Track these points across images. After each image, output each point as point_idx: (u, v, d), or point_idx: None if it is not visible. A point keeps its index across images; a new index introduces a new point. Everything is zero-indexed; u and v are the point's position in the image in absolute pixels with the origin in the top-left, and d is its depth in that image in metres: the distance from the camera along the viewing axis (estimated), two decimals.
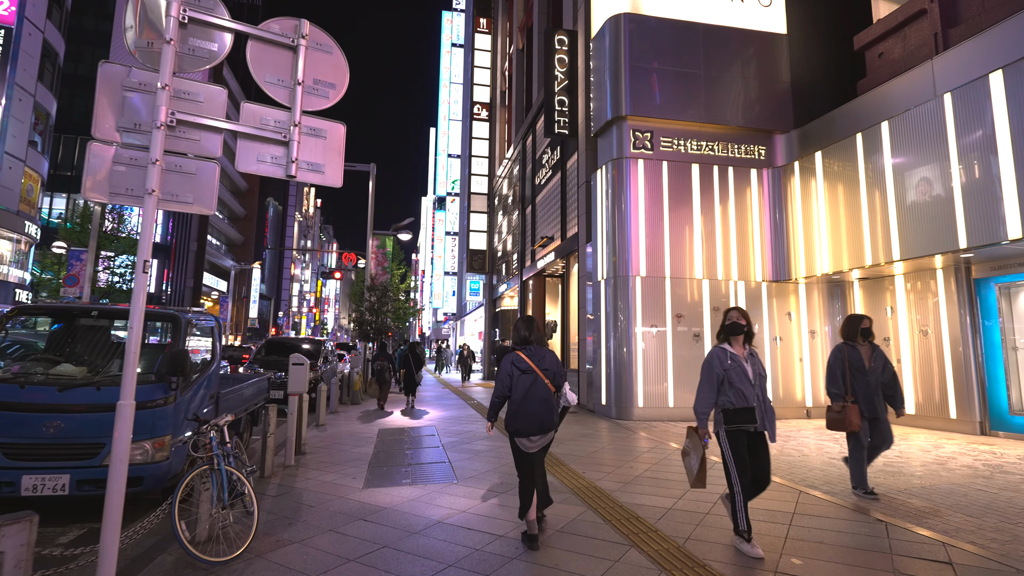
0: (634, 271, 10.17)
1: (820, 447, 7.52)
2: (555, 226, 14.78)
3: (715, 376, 3.78)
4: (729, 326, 3.90)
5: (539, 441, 3.82)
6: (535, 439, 3.80)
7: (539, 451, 3.87)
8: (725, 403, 3.75)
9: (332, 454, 7.12)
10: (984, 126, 7.10)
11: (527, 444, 3.81)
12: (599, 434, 8.53)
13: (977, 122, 7.20)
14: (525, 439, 3.80)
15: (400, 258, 22.45)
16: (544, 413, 3.78)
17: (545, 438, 3.84)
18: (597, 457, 6.77)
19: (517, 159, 19.81)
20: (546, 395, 3.81)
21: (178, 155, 3.01)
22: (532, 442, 3.80)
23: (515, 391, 3.82)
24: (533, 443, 3.81)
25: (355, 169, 19.08)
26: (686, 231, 10.48)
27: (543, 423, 3.77)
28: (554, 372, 3.89)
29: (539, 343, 3.97)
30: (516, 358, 3.88)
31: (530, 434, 3.77)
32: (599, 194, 10.98)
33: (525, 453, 3.84)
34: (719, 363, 3.79)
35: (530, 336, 3.97)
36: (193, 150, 3.05)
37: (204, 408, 5.58)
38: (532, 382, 3.79)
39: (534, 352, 3.90)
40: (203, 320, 5.79)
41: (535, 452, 3.84)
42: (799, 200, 10.29)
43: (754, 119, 10.98)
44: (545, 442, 3.86)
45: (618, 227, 10.38)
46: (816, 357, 10.60)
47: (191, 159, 3.04)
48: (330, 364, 14.74)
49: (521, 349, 3.93)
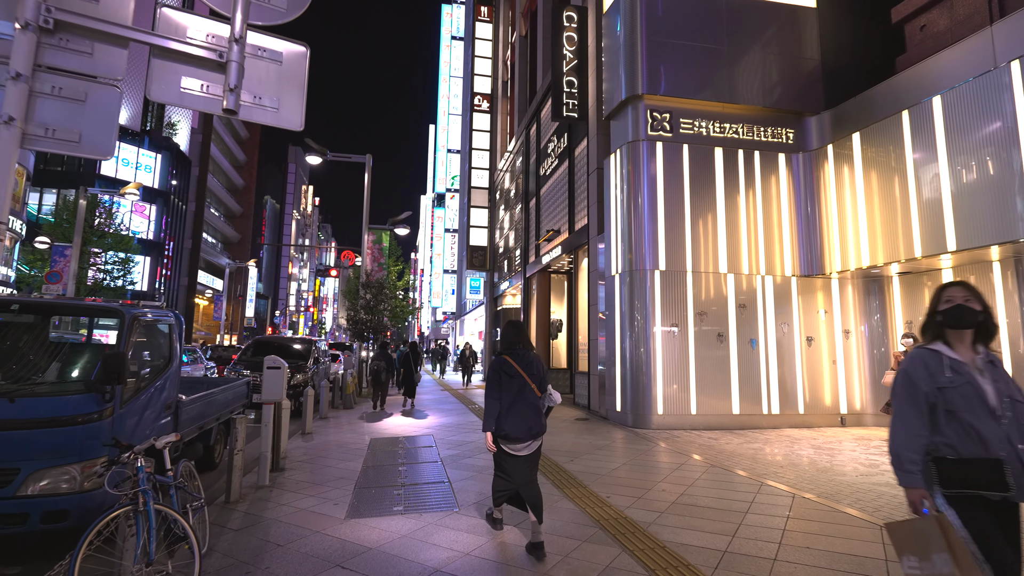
0: (652, 265, 9.25)
1: (872, 462, 6.61)
2: (562, 219, 13.86)
3: (922, 398, 2.18)
4: (949, 312, 2.23)
5: (529, 446, 3.79)
6: (524, 444, 3.76)
7: (529, 456, 3.81)
8: (941, 448, 2.14)
9: (315, 471, 6.20)
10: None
11: (516, 449, 3.77)
12: (617, 446, 7.61)
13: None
14: (513, 444, 3.77)
15: (397, 254, 21.51)
16: (533, 418, 3.76)
17: (535, 443, 3.82)
18: (620, 477, 5.86)
19: (520, 150, 18.90)
20: (534, 400, 3.80)
21: (59, 73, 2.08)
22: (521, 447, 3.77)
23: (504, 397, 3.78)
24: (522, 448, 3.77)
25: (351, 161, 18.17)
26: (709, 221, 9.56)
27: (532, 428, 3.75)
28: (540, 377, 3.89)
29: (526, 348, 3.96)
30: (505, 364, 3.85)
31: (519, 440, 3.74)
32: (613, 181, 10.06)
33: (513, 457, 3.79)
34: (927, 376, 2.19)
35: (518, 341, 3.96)
36: (84, 68, 2.12)
37: (159, 421, 4.68)
38: (520, 387, 3.78)
39: (522, 357, 3.88)
40: (156, 316, 4.86)
41: (524, 457, 3.79)
42: (833, 187, 9.38)
43: (781, 99, 10.07)
44: (535, 447, 3.83)
45: (634, 217, 9.46)
46: (851, 359, 9.68)
47: (80, 80, 2.11)
48: (322, 365, 13.82)
49: (509, 354, 3.90)
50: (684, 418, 8.96)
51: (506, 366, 3.84)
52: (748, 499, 4.93)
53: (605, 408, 10.05)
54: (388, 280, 18.22)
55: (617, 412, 9.48)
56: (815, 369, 9.56)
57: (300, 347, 13.28)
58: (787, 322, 9.58)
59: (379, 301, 16.50)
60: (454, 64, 40.14)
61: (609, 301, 10.03)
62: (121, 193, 22.60)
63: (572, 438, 8.17)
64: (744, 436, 8.42)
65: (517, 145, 19.41)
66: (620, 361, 9.46)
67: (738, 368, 9.25)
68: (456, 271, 38.46)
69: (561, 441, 7.90)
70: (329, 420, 10.42)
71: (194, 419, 5.65)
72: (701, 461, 6.55)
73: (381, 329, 17.27)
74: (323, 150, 17.29)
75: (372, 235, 18.89)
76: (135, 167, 39.91)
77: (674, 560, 3.56)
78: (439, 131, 48.18)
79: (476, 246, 23.52)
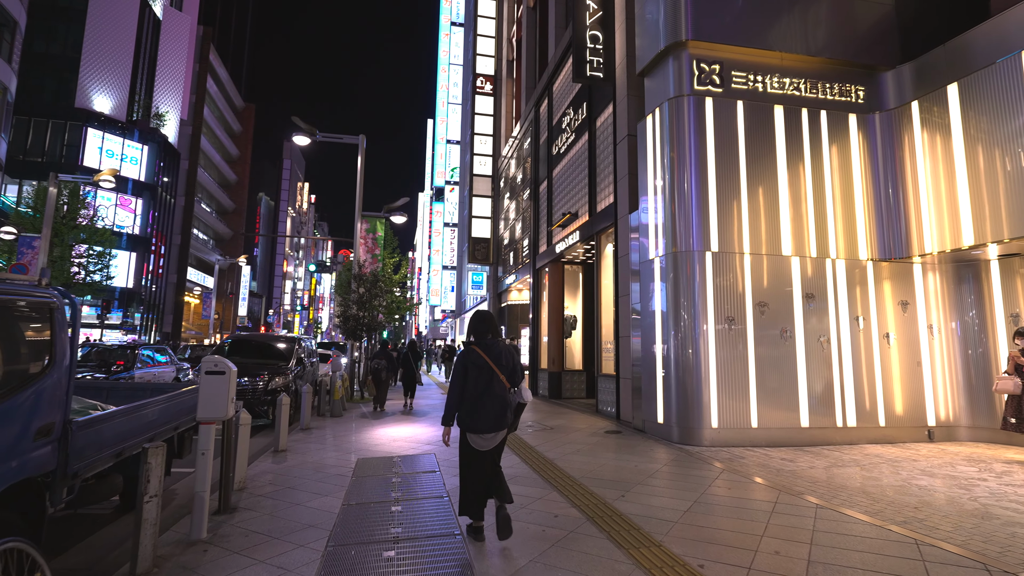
0: (701, 245, 7.61)
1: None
2: (580, 200, 12.21)
3: None
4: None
5: (493, 439, 3.70)
6: (489, 436, 3.68)
7: (494, 449, 3.74)
8: None
9: (277, 512, 4.54)
10: None
11: (480, 442, 3.69)
12: (671, 473, 5.95)
13: None
14: (479, 436, 3.68)
15: (394, 245, 19.79)
16: (499, 410, 3.67)
17: (499, 435, 3.73)
18: (700, 526, 4.19)
19: (528, 131, 17.25)
20: (502, 392, 3.71)
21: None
22: (486, 440, 3.69)
23: (471, 388, 3.69)
24: (487, 440, 3.69)
25: (343, 142, 16.48)
26: (769, 193, 7.92)
27: (498, 420, 3.67)
28: (511, 369, 3.78)
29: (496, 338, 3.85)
30: (473, 354, 3.74)
31: (484, 431, 3.66)
32: (650, 146, 8.42)
33: (476, 451, 3.71)
34: None
35: (487, 332, 3.85)
36: None
37: (32, 452, 3.04)
38: (489, 378, 3.69)
39: (491, 348, 3.77)
40: (11, 295, 3.19)
41: (489, 452, 3.72)
42: (921, 152, 7.75)
43: (849, 50, 8.44)
44: (499, 440, 3.74)
45: (678, 188, 7.82)
46: (936, 360, 8.05)
47: None
48: (308, 367, 12.14)
49: (478, 345, 3.79)
50: (743, 433, 7.32)
51: (474, 356, 3.73)
52: (918, 572, 3.29)
53: (641, 419, 8.39)
54: (383, 273, 16.53)
55: (658, 424, 7.83)
56: (896, 373, 7.93)
57: (283, 346, 11.62)
58: (862, 315, 7.94)
59: (373, 296, 14.81)
60: (454, 52, 38.45)
61: (646, 291, 8.38)
62: (95, 180, 20.93)
63: (611, 459, 6.51)
64: (822, 456, 6.78)
65: (525, 126, 17.75)
66: (662, 363, 7.81)
67: (806, 371, 7.61)
68: (456, 267, 36.77)
69: (598, 464, 6.25)
70: (311, 432, 8.76)
71: (105, 444, 4.02)
72: (799, 499, 4.90)
73: (376, 327, 15.58)
74: (312, 129, 15.63)
75: (366, 224, 17.17)
76: (120, 158, 38.13)
77: None
78: (438, 123, 46.51)
79: (478, 238, 21.85)
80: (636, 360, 8.64)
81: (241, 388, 9.84)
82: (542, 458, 6.58)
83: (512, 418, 3.77)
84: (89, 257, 23.12)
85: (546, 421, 9.67)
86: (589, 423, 9.36)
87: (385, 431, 8.81)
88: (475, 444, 3.68)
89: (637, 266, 8.73)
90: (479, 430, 3.65)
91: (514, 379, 3.77)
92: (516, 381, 3.78)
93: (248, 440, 5.48)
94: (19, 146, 35.21)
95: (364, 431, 8.85)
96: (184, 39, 45.97)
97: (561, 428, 8.84)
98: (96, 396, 6.30)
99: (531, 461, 6.42)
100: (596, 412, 10.59)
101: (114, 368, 10.89)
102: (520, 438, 7.91)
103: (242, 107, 63.52)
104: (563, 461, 6.39)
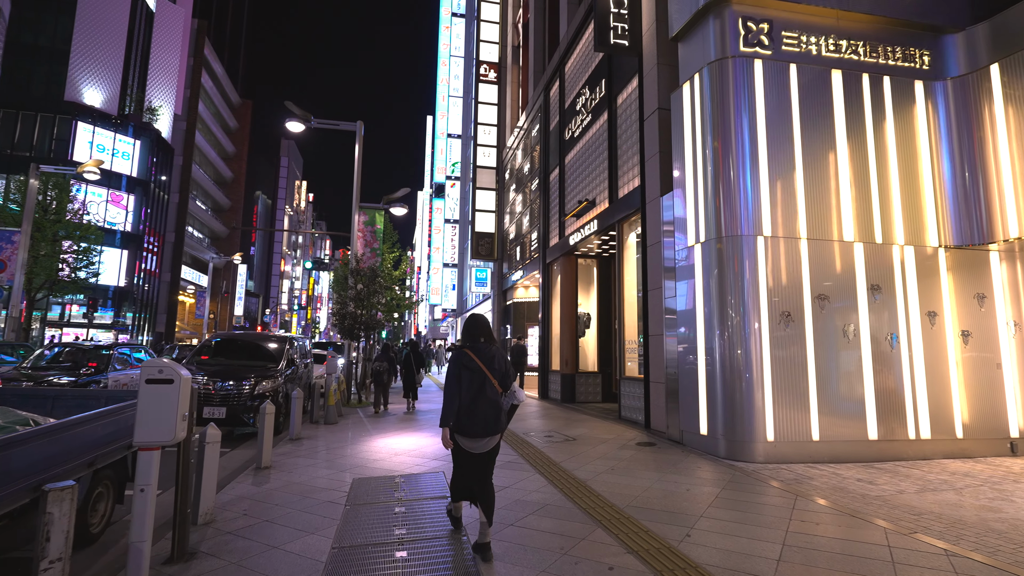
0: (752, 228, 6.57)
1: None
2: (598, 186, 11.18)
3: None
4: None
5: (485, 443, 3.62)
6: (481, 441, 3.61)
7: (486, 453, 3.66)
8: None
9: (245, 563, 3.49)
10: None
11: (472, 446, 3.61)
12: (729, 498, 4.91)
13: None
14: (470, 441, 3.60)
15: (394, 239, 18.75)
16: (491, 415, 3.60)
17: (492, 440, 3.65)
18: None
19: (537, 117, 16.21)
20: (494, 396, 3.64)
21: None
22: (477, 444, 3.60)
23: (464, 392, 3.61)
24: (478, 445, 3.61)
25: (340, 128, 15.43)
26: (828, 169, 6.89)
27: (489, 425, 3.59)
28: (503, 373, 3.73)
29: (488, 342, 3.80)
30: (465, 357, 3.68)
31: (476, 436, 3.58)
32: (687, 118, 7.39)
33: (468, 453, 3.63)
34: None
35: (480, 336, 3.80)
36: None
37: None
38: (481, 383, 3.62)
39: (483, 352, 3.72)
40: None
41: (481, 455, 3.64)
42: (1003, 122, 6.73)
43: (913, 9, 7.42)
44: (492, 444, 3.66)
45: (723, 162, 6.79)
46: (1019, 362, 7.02)
47: None
48: (302, 369, 11.09)
49: (470, 348, 3.74)
50: (803, 447, 6.28)
51: (466, 360, 3.68)
52: None
53: (678, 429, 7.35)
54: (383, 268, 15.47)
55: (701, 436, 6.78)
56: (975, 377, 6.89)
57: (273, 346, 10.51)
58: (935, 310, 6.92)
59: (371, 292, 13.74)
60: (455, 44, 37.42)
61: (683, 284, 7.35)
62: (78, 172, 19.86)
63: (654, 480, 5.47)
64: (901, 475, 5.75)
65: (532, 113, 16.71)
66: (706, 366, 6.76)
67: (873, 375, 6.58)
68: (457, 264, 35.72)
69: (641, 486, 5.20)
70: (302, 443, 7.72)
71: (15, 475, 3.03)
72: (914, 539, 3.86)
73: (375, 326, 14.54)
74: (307, 115, 14.59)
75: (364, 216, 16.15)
76: (111, 153, 37.02)
77: None
78: (438, 118, 45.46)
79: (482, 232, 20.79)
80: (671, 362, 7.60)
81: (225, 393, 8.80)
82: (571, 478, 5.54)
83: (506, 421, 3.72)
84: (75, 254, 22.05)
85: (565, 430, 8.63)
86: (615, 432, 8.32)
87: (385, 442, 7.77)
88: (466, 447, 3.62)
89: (672, 256, 7.70)
90: (472, 434, 3.59)
91: (506, 383, 3.73)
92: (508, 384, 3.74)
93: (217, 461, 4.43)
94: (6, 140, 34.14)
95: (361, 442, 7.81)
96: (178, 32, 44.86)
97: (585, 439, 7.81)
98: (40, 406, 5.26)
99: (559, 482, 5.39)
100: (619, 419, 9.55)
101: (84, 371, 9.82)
102: (541, 451, 6.88)
103: (238, 103, 62.40)
104: (598, 483, 5.36)
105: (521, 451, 6.93)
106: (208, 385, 8.71)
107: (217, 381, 8.78)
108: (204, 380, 8.74)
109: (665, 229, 7.87)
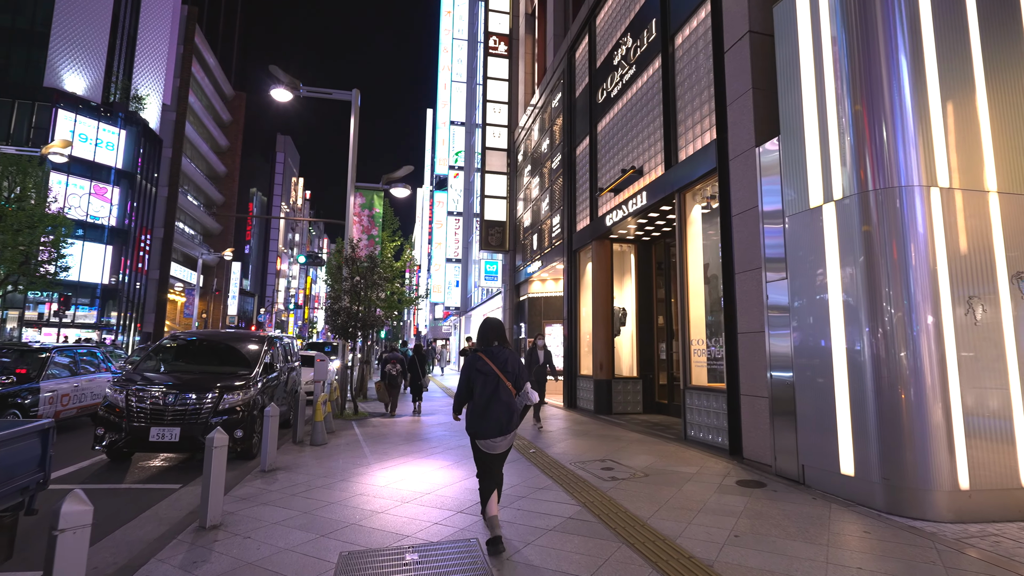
0: (918, 178, 4.54)
1: None
2: (646, 151, 9.15)
3: None
4: None
5: (501, 443, 3.70)
6: (496, 441, 3.69)
7: (504, 452, 3.76)
8: None
9: None
10: None
11: (488, 446, 3.71)
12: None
13: None
14: (486, 442, 3.70)
15: (395, 227, 16.70)
16: (504, 416, 3.68)
17: (507, 439, 3.72)
18: None
19: (558, 86, 14.18)
20: (507, 398, 3.73)
21: None
22: (494, 444, 3.69)
23: (477, 394, 3.75)
24: (495, 445, 3.70)
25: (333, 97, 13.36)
26: (1020, 96, 4.87)
27: (503, 426, 3.68)
28: (516, 375, 3.81)
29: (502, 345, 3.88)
30: (479, 361, 3.79)
31: (490, 436, 3.68)
32: (802, 34, 5.36)
33: (486, 454, 3.73)
34: None
35: (494, 340, 3.89)
36: None
37: None
38: (495, 385, 3.72)
39: (497, 355, 3.81)
40: None
41: (498, 454, 3.74)
42: None
43: None
44: (507, 444, 3.74)
45: (869, 85, 4.76)
46: None
47: None
48: (285, 375, 9.03)
49: (483, 351, 3.83)
50: (1009, 496, 4.25)
51: (480, 363, 3.78)
52: None
53: (795, 463, 5.30)
54: (382, 257, 13.42)
55: (842, 477, 4.74)
56: None
57: (251, 347, 8.42)
58: None
59: (369, 285, 11.70)
60: (458, 26, 35.37)
61: (803, 259, 5.32)
62: (43, 152, 17.78)
63: (807, 558, 3.43)
64: None
65: (553, 80, 14.67)
66: (849, 377, 4.72)
67: None
68: (460, 260, 33.67)
69: (796, 573, 3.18)
70: (275, 479, 5.69)
71: None
72: None
73: (373, 323, 12.48)
74: (295, 82, 12.55)
75: (361, 198, 14.06)
76: (94, 143, 34.92)
77: None
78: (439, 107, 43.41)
79: (492, 221, 18.75)
80: (778, 366, 5.56)
81: (182, 409, 6.77)
82: (679, 554, 3.51)
83: (519, 421, 3.77)
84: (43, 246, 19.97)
85: (623, 457, 6.60)
86: (692, 462, 6.28)
87: (388, 478, 5.72)
88: (484, 448, 3.71)
89: (777, 227, 5.66)
90: (487, 435, 3.67)
91: (519, 384, 3.79)
92: (521, 385, 3.80)
93: (86, 552, 2.41)
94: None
95: (356, 477, 5.76)
96: (167, 18, 42.76)
97: (659, 473, 5.77)
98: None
99: (662, 561, 3.35)
100: (685, 440, 7.51)
101: (5, 380, 7.74)
102: (610, 499, 4.84)
103: (232, 96, 60.31)
104: (730, 569, 3.32)
105: (581, 496, 4.90)
106: (158, 399, 6.69)
107: (171, 394, 6.75)
108: (156, 392, 6.74)
109: (767, 188, 5.82)
